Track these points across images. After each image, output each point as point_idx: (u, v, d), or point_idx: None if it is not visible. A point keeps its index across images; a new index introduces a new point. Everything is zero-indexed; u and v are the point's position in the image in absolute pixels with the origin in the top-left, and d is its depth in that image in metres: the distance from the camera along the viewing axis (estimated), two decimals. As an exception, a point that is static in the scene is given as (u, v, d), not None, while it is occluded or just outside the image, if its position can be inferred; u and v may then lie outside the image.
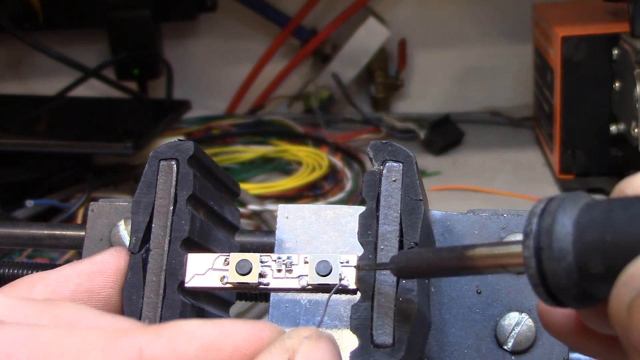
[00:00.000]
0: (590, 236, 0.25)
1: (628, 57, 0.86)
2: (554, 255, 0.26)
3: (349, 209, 0.44)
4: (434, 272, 0.34)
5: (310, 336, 0.29)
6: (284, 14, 1.28)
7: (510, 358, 0.41)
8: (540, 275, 0.26)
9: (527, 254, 0.26)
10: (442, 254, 0.32)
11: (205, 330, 0.28)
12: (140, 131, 0.99)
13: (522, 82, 1.26)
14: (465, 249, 0.30)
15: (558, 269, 0.26)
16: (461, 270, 0.31)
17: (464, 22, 1.29)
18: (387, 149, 0.38)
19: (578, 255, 0.25)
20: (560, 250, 0.26)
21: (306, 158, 1.08)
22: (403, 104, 1.33)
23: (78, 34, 1.29)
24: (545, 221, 0.26)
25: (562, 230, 0.26)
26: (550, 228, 0.26)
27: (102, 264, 0.37)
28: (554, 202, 0.27)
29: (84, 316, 0.31)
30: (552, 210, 0.26)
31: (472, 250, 0.30)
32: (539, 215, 0.26)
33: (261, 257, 0.37)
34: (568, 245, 0.26)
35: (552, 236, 0.26)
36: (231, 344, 0.28)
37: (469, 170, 1.08)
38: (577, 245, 0.25)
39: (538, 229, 0.26)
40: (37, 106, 1.16)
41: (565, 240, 0.26)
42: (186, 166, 0.39)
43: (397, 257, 0.34)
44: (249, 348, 0.28)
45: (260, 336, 0.29)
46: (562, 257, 0.26)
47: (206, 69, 1.33)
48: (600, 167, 0.97)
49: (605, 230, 0.25)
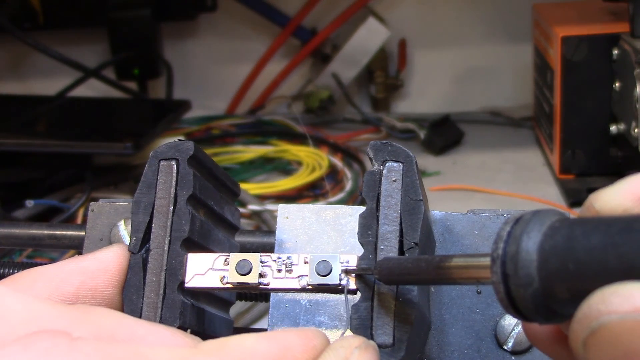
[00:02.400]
0: (553, 264, 0.25)
1: (628, 57, 0.86)
2: (520, 282, 0.26)
3: (349, 209, 0.44)
4: (413, 282, 0.35)
5: (360, 346, 0.31)
6: (284, 14, 1.28)
7: (510, 358, 0.41)
8: (509, 299, 0.26)
9: (496, 279, 0.27)
10: (420, 264, 0.32)
11: (265, 347, 0.30)
12: (140, 131, 0.99)
13: (522, 82, 1.26)
14: (442, 260, 0.31)
15: (525, 294, 0.26)
16: (438, 281, 0.32)
17: (464, 22, 1.29)
18: (387, 149, 0.38)
19: (543, 281, 0.26)
20: (526, 276, 0.26)
21: (306, 158, 1.08)
22: (403, 104, 1.33)
23: (78, 34, 1.29)
24: (510, 247, 0.26)
25: (527, 257, 0.26)
26: (515, 254, 0.26)
27: (106, 262, 0.37)
28: (519, 225, 0.27)
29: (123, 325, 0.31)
30: (517, 235, 0.26)
31: (449, 262, 0.30)
32: (504, 240, 0.27)
33: (261, 257, 0.37)
34: (533, 272, 0.26)
35: (517, 263, 0.26)
36: (291, 358, 0.30)
37: (469, 170, 1.08)
38: (542, 272, 0.26)
39: (504, 254, 0.26)
40: (37, 106, 1.16)
41: (530, 267, 0.26)
42: (186, 166, 0.39)
43: (380, 263, 0.35)
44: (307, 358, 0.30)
45: (315, 345, 0.30)
46: (529, 284, 0.26)
47: (206, 69, 1.33)
48: (600, 167, 0.97)
49: (567, 259, 0.25)
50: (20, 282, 0.35)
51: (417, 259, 0.34)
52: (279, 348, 0.30)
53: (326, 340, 0.31)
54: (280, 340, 0.30)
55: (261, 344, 0.30)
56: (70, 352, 0.28)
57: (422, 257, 0.34)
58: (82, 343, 0.29)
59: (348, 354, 0.30)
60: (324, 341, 0.31)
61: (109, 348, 0.29)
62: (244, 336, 0.30)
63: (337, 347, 0.30)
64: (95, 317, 0.31)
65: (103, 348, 0.29)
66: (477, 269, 0.29)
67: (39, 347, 0.28)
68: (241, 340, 0.30)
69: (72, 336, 0.29)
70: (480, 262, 0.29)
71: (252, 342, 0.30)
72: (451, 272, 0.30)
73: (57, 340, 0.28)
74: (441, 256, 0.31)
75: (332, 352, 0.30)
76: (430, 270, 0.31)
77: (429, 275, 0.32)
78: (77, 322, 0.30)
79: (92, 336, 0.30)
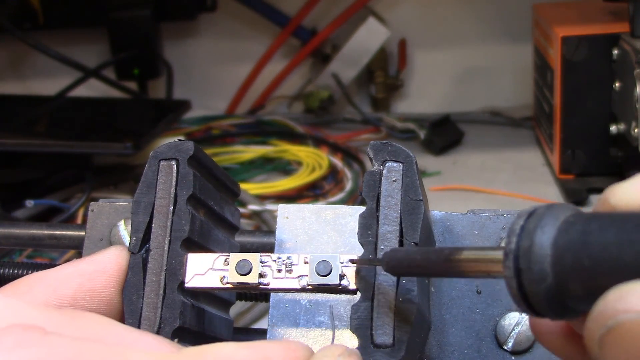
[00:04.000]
0: (568, 259, 0.25)
1: (628, 57, 0.86)
2: (534, 277, 0.26)
3: (349, 209, 0.44)
4: (422, 273, 0.35)
5: (343, 353, 0.30)
6: (284, 14, 1.28)
7: (510, 358, 0.41)
8: (522, 295, 0.26)
9: (508, 274, 0.26)
10: (430, 256, 0.32)
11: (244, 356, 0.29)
12: (140, 131, 0.99)
13: (522, 82, 1.26)
14: (452, 252, 0.30)
15: (539, 290, 0.26)
16: (447, 273, 0.32)
17: (464, 22, 1.29)
18: (387, 149, 0.38)
19: (557, 277, 0.25)
20: (540, 272, 0.26)
21: (306, 158, 1.08)
22: (403, 104, 1.33)
23: (78, 34, 1.29)
24: (524, 241, 0.26)
25: (541, 252, 0.26)
26: (529, 249, 0.26)
27: (103, 264, 0.37)
28: (533, 219, 0.26)
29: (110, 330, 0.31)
30: (531, 230, 0.26)
31: (459, 254, 0.30)
32: (517, 234, 0.26)
33: (261, 257, 0.37)
34: (547, 267, 0.25)
35: (530, 258, 0.26)
36: None
37: (469, 170, 1.08)
38: (556, 268, 0.25)
39: (517, 248, 0.26)
40: (37, 106, 1.16)
41: (544, 262, 0.26)
42: (186, 166, 0.39)
43: (388, 254, 0.34)
44: None
45: (297, 356, 0.30)
46: (542, 279, 0.26)
47: (206, 69, 1.33)
48: (600, 167, 0.97)
49: (582, 254, 0.25)
50: (20, 287, 0.35)
51: (426, 251, 0.34)
52: (258, 357, 0.29)
53: (309, 352, 0.30)
54: (261, 350, 0.30)
55: (241, 353, 0.29)
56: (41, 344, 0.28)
57: (431, 249, 0.34)
58: (55, 337, 0.28)
59: None
60: (307, 353, 0.30)
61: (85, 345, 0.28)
62: (225, 344, 0.30)
63: (320, 356, 0.30)
64: (82, 322, 0.31)
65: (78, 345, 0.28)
66: (489, 262, 0.28)
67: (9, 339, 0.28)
68: (221, 348, 0.30)
69: (45, 330, 0.29)
70: (493, 255, 0.28)
71: (232, 350, 0.29)
72: (461, 265, 0.30)
73: (28, 333, 0.28)
74: (451, 248, 0.31)
75: None
76: (440, 262, 0.31)
77: (438, 267, 0.31)
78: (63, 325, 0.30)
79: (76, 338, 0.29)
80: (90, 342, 0.29)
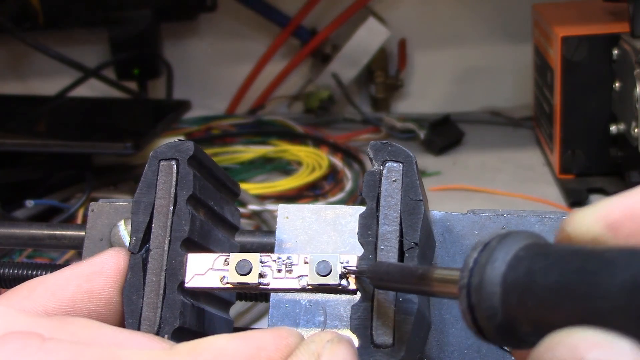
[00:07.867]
0: (514, 299, 0.25)
1: (628, 57, 0.86)
2: (484, 314, 0.26)
3: (349, 209, 0.44)
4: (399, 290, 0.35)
5: (332, 339, 0.31)
6: (284, 14, 1.28)
7: (510, 358, 0.41)
8: (477, 328, 0.26)
9: (463, 308, 0.26)
10: (405, 273, 0.32)
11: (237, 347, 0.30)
12: (140, 131, 0.99)
13: (522, 82, 1.26)
14: (425, 271, 0.30)
15: (490, 325, 0.26)
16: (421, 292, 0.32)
17: (464, 22, 1.29)
18: (387, 149, 0.38)
19: (506, 314, 0.25)
20: (489, 308, 0.26)
21: (306, 158, 1.08)
22: (403, 104, 1.33)
23: (78, 34, 1.29)
24: (474, 277, 0.26)
25: (490, 290, 0.26)
26: (479, 285, 0.26)
27: (101, 265, 0.37)
28: (485, 252, 0.26)
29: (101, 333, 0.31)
30: (482, 264, 0.26)
31: (430, 273, 0.30)
32: (470, 268, 0.26)
33: (261, 257, 0.37)
34: (497, 303, 0.26)
35: (481, 295, 0.26)
36: (265, 357, 0.30)
37: (469, 170, 1.08)
38: (504, 305, 0.25)
39: (469, 284, 0.26)
40: (37, 106, 1.16)
41: (493, 299, 0.26)
42: (186, 166, 0.39)
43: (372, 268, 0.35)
44: (280, 357, 0.30)
45: (288, 344, 0.30)
46: (493, 315, 0.26)
47: (206, 69, 1.33)
48: (600, 167, 0.97)
49: (526, 295, 0.25)
50: (19, 293, 0.35)
51: (403, 268, 0.34)
52: (251, 347, 0.30)
53: (300, 338, 0.31)
54: (253, 340, 0.30)
55: (234, 344, 0.30)
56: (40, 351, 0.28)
57: (408, 267, 0.34)
58: (53, 343, 0.29)
59: (319, 348, 0.30)
60: (297, 339, 0.31)
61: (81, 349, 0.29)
62: (218, 337, 0.30)
63: (309, 342, 0.31)
64: (72, 327, 0.31)
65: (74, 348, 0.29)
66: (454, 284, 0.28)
67: (9, 347, 0.28)
68: (214, 340, 0.30)
69: (44, 337, 0.29)
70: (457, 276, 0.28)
71: (225, 342, 0.30)
72: (432, 284, 0.30)
73: (28, 340, 0.29)
74: (425, 267, 0.31)
75: (304, 347, 0.30)
76: (414, 280, 0.31)
77: (412, 285, 0.31)
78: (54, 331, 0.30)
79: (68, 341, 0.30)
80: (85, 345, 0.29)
